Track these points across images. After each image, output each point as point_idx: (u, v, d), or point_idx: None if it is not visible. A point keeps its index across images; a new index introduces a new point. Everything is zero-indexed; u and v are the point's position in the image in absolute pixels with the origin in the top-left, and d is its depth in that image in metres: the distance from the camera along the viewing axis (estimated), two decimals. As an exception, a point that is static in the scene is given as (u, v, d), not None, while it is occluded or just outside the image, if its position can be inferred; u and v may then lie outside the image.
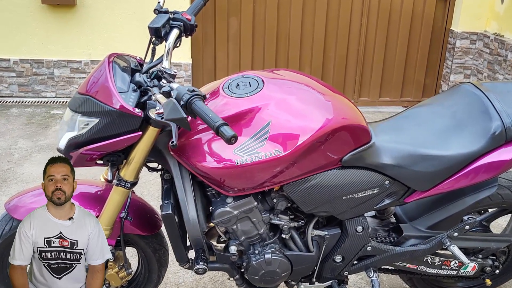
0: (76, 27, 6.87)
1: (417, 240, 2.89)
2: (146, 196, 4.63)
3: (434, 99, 2.95)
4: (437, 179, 2.67)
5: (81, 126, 2.39)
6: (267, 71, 2.71)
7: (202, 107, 2.05)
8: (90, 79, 2.45)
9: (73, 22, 6.86)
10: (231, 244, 2.69)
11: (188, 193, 2.54)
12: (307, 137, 2.38)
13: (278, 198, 2.62)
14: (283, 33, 7.26)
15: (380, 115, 7.20)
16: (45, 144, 5.80)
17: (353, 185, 2.58)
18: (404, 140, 2.68)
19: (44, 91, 7.14)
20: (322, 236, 2.75)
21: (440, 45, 7.54)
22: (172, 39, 2.54)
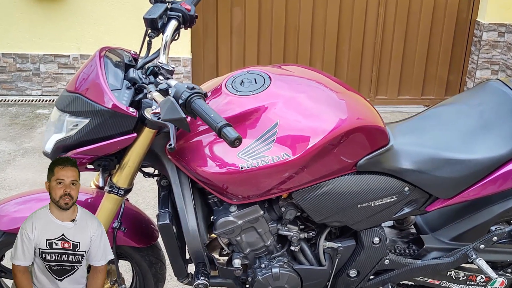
0: (64, 18, 6.88)
1: (440, 252, 2.89)
2: (141, 204, 4.63)
3: (459, 98, 2.95)
4: (461, 186, 2.66)
5: (70, 127, 2.40)
6: (274, 66, 2.71)
7: (203, 106, 2.05)
8: (79, 76, 2.46)
9: (61, 12, 6.87)
10: (235, 257, 2.69)
11: (188, 201, 2.54)
12: (318, 139, 2.38)
13: (286, 207, 2.62)
14: (292, 25, 7.26)
15: (399, 115, 7.20)
16: (30, 147, 5.81)
17: (369, 192, 2.58)
18: (425, 143, 2.68)
19: (29, 88, 7.16)
20: (335, 249, 2.75)
21: (465, 38, 7.53)
22: (169, 32, 2.54)
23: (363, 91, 7.53)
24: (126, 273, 3.45)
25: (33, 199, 2.74)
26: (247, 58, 7.34)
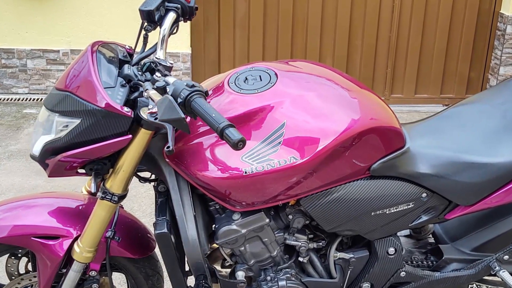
0: (53, 10, 6.90)
1: (460, 264, 2.89)
2: (137, 212, 4.64)
3: (481, 96, 2.96)
4: (484, 192, 2.67)
5: (59, 128, 2.40)
6: (281, 62, 2.72)
7: (204, 106, 2.06)
8: (69, 72, 2.46)
9: (50, 4, 6.89)
10: (238, 269, 2.69)
11: (187, 208, 2.54)
12: (329, 141, 2.38)
13: (294, 214, 2.62)
14: (300, 17, 7.27)
15: (416, 115, 7.21)
16: (16, 149, 5.83)
17: (383, 198, 2.58)
18: (444, 145, 2.68)
19: (15, 86, 7.18)
20: (346, 260, 2.75)
21: (488, 31, 7.53)
22: (167, 25, 2.55)
23: (377, 89, 7.53)
24: (121, 286, 3.46)
25: (19, 206, 2.73)
26: (251, 53, 7.35)
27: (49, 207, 2.71)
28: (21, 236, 2.62)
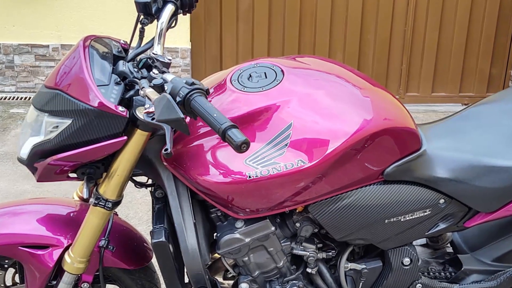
0: (42, 1, 6.91)
1: (481, 275, 2.88)
2: (133, 219, 4.65)
3: (502, 95, 2.96)
4: (506, 198, 2.67)
5: (49, 129, 2.40)
6: (287, 58, 2.72)
7: (204, 105, 2.06)
8: (60, 69, 2.46)
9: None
10: (242, 281, 2.69)
11: (186, 215, 2.55)
12: (339, 143, 2.38)
13: (302, 222, 2.62)
14: (309, 10, 7.28)
15: (433, 114, 7.21)
16: (2, 152, 5.84)
17: (398, 205, 2.58)
18: (464, 147, 2.69)
19: (1, 84, 7.20)
20: (358, 271, 2.76)
21: (510, 25, 7.53)
22: (165, 18, 2.55)
23: (391, 87, 7.54)
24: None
25: (6, 213, 2.74)
26: (255, 48, 7.36)
27: (38, 214, 2.71)
28: (8, 245, 2.63)
